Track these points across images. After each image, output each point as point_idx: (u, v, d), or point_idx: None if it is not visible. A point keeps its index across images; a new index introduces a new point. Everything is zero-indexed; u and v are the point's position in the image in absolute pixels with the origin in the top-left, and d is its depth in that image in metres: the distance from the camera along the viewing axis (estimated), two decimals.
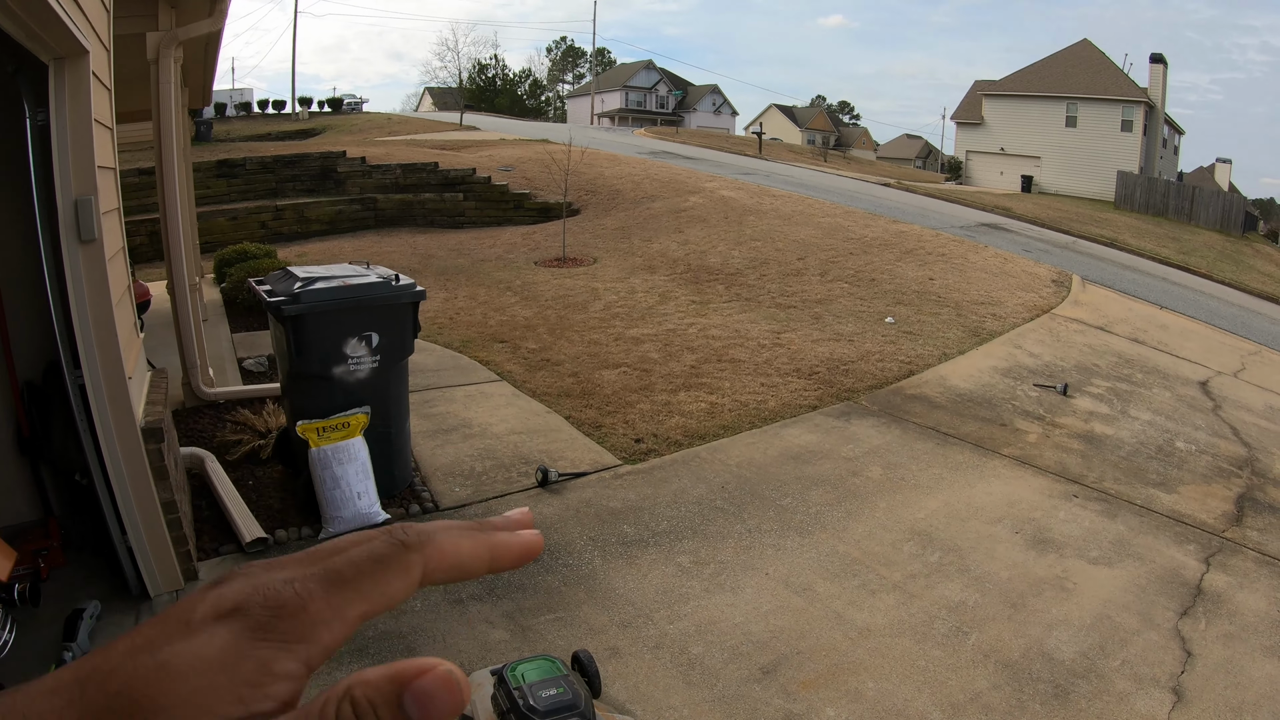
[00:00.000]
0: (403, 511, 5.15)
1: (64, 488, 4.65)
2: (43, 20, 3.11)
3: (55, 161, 3.57)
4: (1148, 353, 10.58)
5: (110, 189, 4.24)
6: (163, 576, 4.11)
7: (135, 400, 4.04)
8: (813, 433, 6.79)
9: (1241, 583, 5.01)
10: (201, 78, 10.47)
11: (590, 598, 4.32)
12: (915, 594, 4.50)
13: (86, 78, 3.61)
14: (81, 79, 3.60)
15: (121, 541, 4.00)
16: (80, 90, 3.61)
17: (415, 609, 4.14)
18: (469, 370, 8.04)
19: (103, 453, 3.84)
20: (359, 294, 4.96)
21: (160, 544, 4.06)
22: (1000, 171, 44.58)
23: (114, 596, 4.07)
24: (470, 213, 19.28)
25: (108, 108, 4.30)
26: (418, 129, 35.21)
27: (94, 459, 3.88)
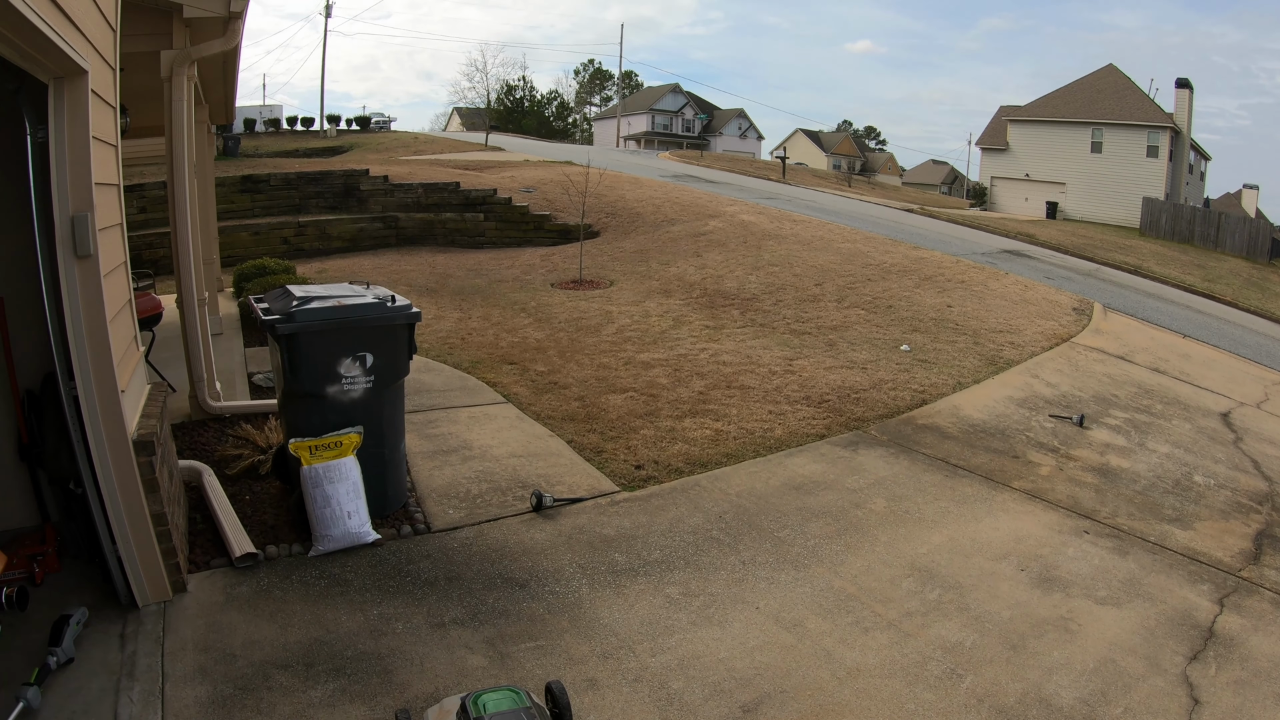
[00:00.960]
0: (394, 532, 5.09)
1: (61, 495, 4.71)
2: (36, 44, 3.13)
3: (53, 178, 3.61)
4: (1169, 383, 10.40)
5: (110, 205, 4.26)
6: (151, 587, 4.12)
7: (129, 413, 4.06)
8: (818, 462, 6.67)
9: (1256, 625, 4.82)
10: (223, 94, 10.55)
11: (573, 626, 4.23)
12: (910, 633, 4.37)
13: (85, 97, 3.65)
14: (80, 98, 3.64)
15: (112, 551, 4.01)
16: (79, 109, 3.64)
17: (397, 631, 4.08)
18: (475, 391, 7.99)
19: (94, 463, 3.86)
20: (354, 314, 4.96)
21: (149, 555, 4.06)
22: (1025, 198, 44.28)
23: (103, 604, 4.07)
24: (490, 233, 19.33)
25: (111, 125, 4.34)
26: (443, 149, 35.46)
27: (86, 469, 3.90)
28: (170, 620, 4.02)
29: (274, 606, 4.23)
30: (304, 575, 4.55)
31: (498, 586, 4.56)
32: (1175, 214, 37.15)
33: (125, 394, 4.01)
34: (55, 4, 3.13)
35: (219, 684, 3.58)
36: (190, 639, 3.89)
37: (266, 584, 4.44)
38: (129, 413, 4.06)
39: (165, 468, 4.42)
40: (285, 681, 3.64)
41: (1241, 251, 34.98)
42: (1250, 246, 35.32)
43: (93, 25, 3.79)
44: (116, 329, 4.03)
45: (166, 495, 4.26)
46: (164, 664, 3.69)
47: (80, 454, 3.89)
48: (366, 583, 4.52)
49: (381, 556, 4.81)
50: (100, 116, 3.96)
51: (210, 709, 3.44)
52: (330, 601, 4.32)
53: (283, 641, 3.94)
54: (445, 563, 4.78)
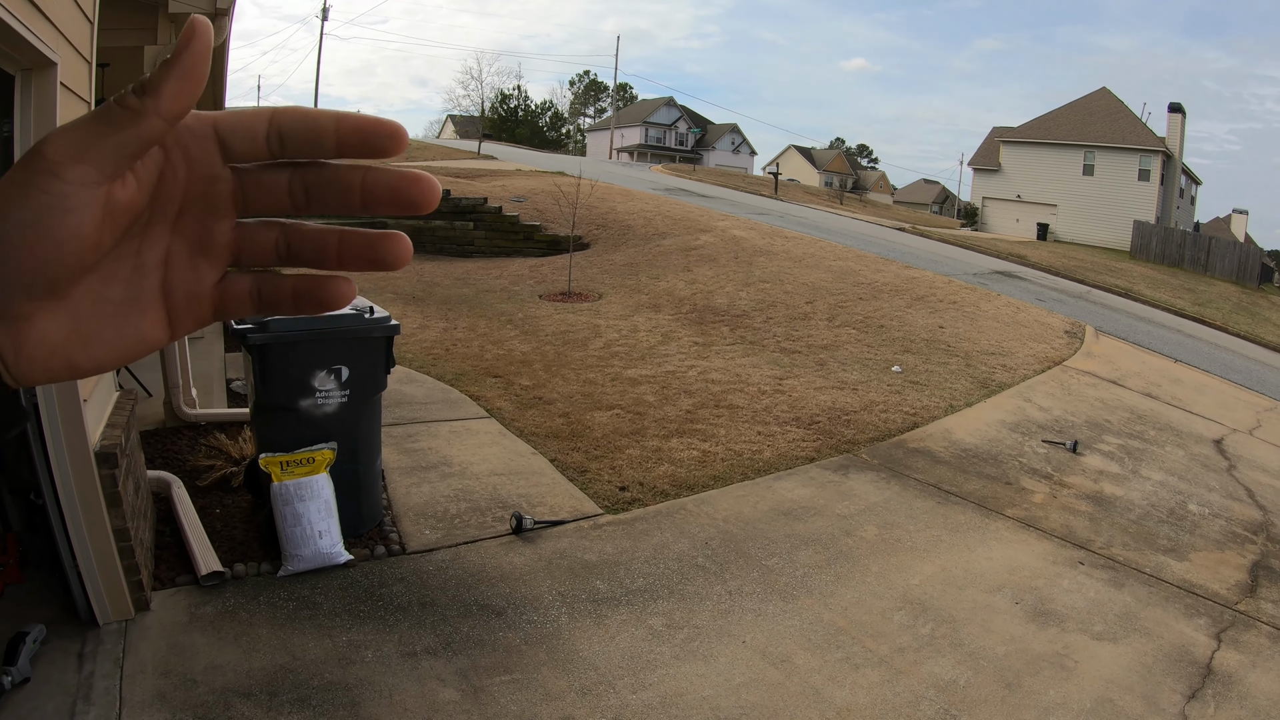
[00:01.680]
0: (367, 552, 4.90)
1: (23, 505, 4.53)
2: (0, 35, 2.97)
3: None
4: (1161, 408, 10.31)
5: None
6: (112, 605, 3.95)
7: (92, 422, 3.90)
8: (807, 487, 6.51)
9: (1255, 661, 4.72)
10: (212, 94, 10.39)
11: (551, 659, 4.05)
12: (902, 670, 4.21)
13: (53, 90, 3.50)
14: (48, 91, 3.49)
15: (72, 566, 3.86)
16: (46, 102, 3.49)
17: (366, 660, 3.91)
18: (458, 405, 7.81)
19: (54, 475, 3.71)
20: (330, 325, 4.79)
21: (110, 571, 3.89)
22: (1016, 219, 44.38)
23: (63, 620, 3.91)
24: (480, 242, 19.15)
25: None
26: (435, 155, 35.32)
27: (45, 480, 3.75)
28: (131, 640, 3.85)
29: (239, 629, 4.05)
30: (272, 596, 4.37)
31: (473, 614, 4.37)
32: (1166, 237, 37.28)
33: (88, 403, 3.85)
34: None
35: (178, 712, 3.42)
36: (150, 661, 3.72)
37: (232, 604, 4.25)
38: (92, 422, 3.90)
39: (130, 480, 4.26)
40: (247, 712, 3.47)
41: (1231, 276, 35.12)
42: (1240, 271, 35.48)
43: (65, 17, 3.65)
44: None
45: (130, 509, 4.10)
46: (122, 687, 3.52)
47: (40, 465, 3.73)
48: (336, 606, 4.33)
49: (353, 578, 4.62)
50: (71, 111, 3.79)
51: None
52: (298, 625, 4.13)
53: (246, 667, 3.75)
54: (419, 587, 4.60)
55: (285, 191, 0.50)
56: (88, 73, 4.21)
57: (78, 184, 0.44)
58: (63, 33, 3.59)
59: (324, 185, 0.50)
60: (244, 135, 0.47)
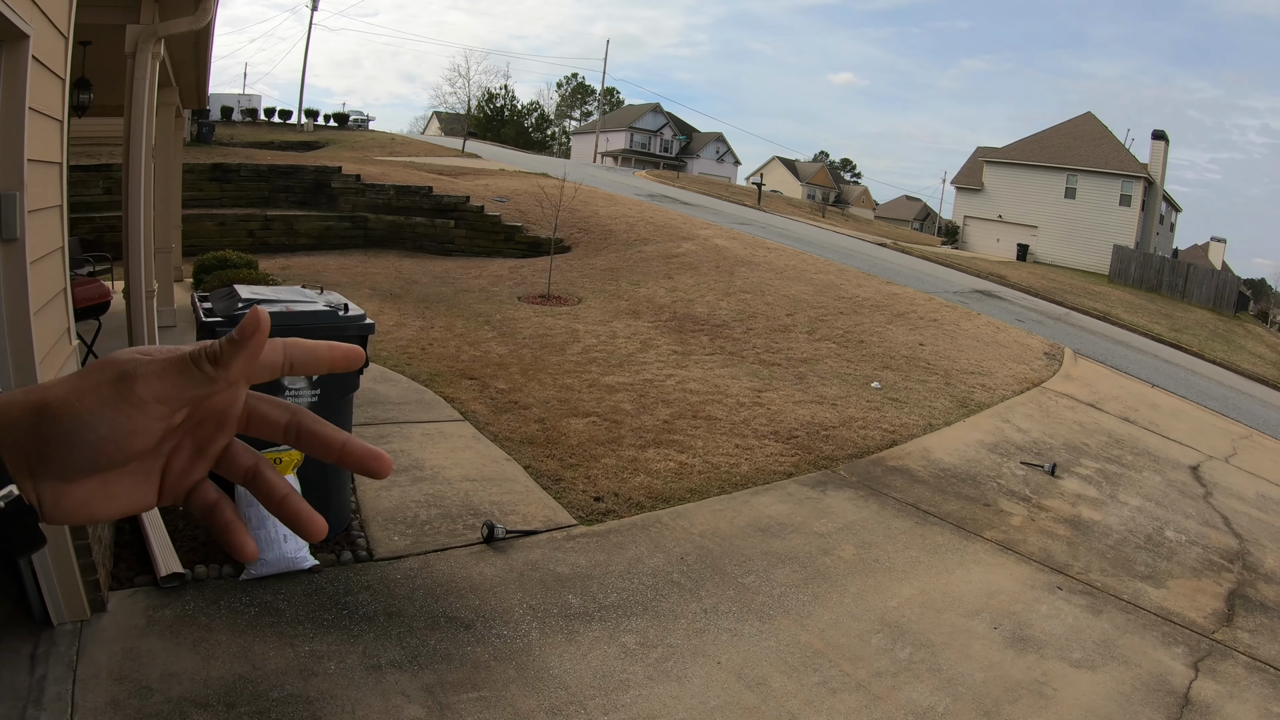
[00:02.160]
0: (334, 558, 4.74)
1: None
2: None
3: None
4: (1138, 433, 10.30)
5: (48, 185, 3.92)
6: (67, 605, 3.78)
7: None
8: (785, 503, 6.41)
9: (1232, 691, 4.69)
10: (194, 77, 10.23)
11: (521, 676, 3.90)
12: (880, 695, 4.11)
13: (24, 63, 3.30)
14: (18, 64, 3.29)
15: (26, 564, 3.67)
16: (16, 76, 3.30)
17: (329, 671, 3.75)
18: (432, 406, 7.66)
19: None
20: (301, 322, 4.65)
21: (66, 571, 3.71)
22: (997, 238, 44.62)
23: (15, 618, 3.76)
24: (460, 241, 19.01)
25: (56, 98, 4.00)
26: (419, 151, 35.14)
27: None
28: (85, 643, 3.68)
29: (198, 634, 3.88)
30: (233, 601, 4.20)
31: (441, 626, 4.23)
32: (1145, 263, 37.58)
33: None
34: None
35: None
36: (105, 666, 3.55)
37: (192, 608, 4.09)
38: None
39: None
40: None
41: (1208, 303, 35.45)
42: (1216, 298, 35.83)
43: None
44: (43, 322, 3.70)
45: None
46: (75, 693, 3.36)
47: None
48: (300, 613, 4.18)
49: (318, 585, 4.46)
50: (43, 87, 3.63)
51: None
52: (259, 633, 3.97)
53: (204, 676, 3.59)
54: (386, 596, 4.45)
55: (281, 431, 0.65)
56: (64, 48, 4.05)
57: (155, 418, 0.58)
58: (37, 4, 3.41)
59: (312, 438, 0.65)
60: (265, 371, 0.61)
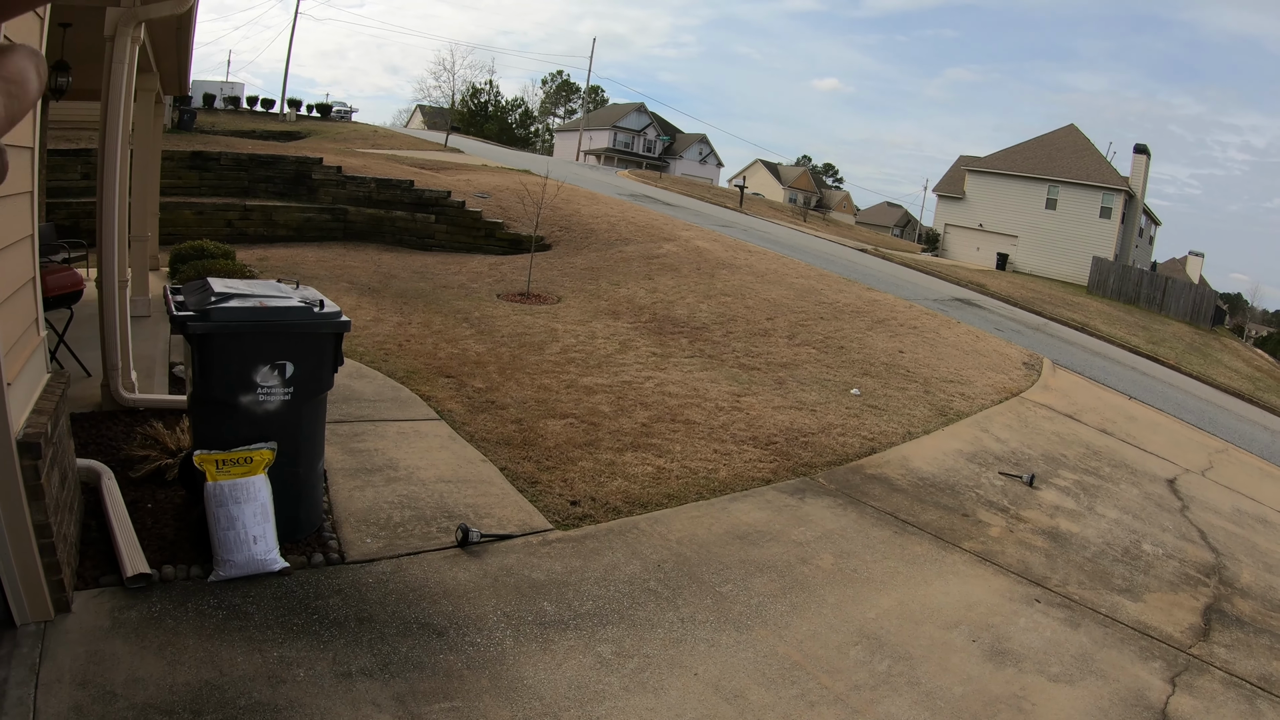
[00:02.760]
0: (304, 560, 4.63)
1: None
2: None
3: None
4: (1116, 445, 10.32)
5: (18, 170, 3.86)
6: (31, 605, 3.66)
7: (16, 409, 3.60)
8: (763, 510, 6.34)
9: (1208, 708, 4.69)
10: (176, 63, 10.06)
11: (494, 686, 3.82)
12: (859, 709, 4.05)
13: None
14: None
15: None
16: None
17: (298, 679, 3.64)
18: (408, 404, 7.55)
19: None
20: (275, 318, 4.53)
21: (30, 569, 3.60)
22: (977, 247, 44.87)
23: None
24: (440, 236, 18.86)
25: None
26: (402, 145, 34.93)
27: None
28: (49, 645, 3.56)
29: (164, 638, 3.77)
30: (201, 603, 4.08)
31: (413, 633, 4.13)
32: (1123, 275, 37.89)
33: (13, 387, 3.57)
34: None
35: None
36: (69, 670, 3.44)
37: (159, 610, 3.97)
38: (16, 409, 3.61)
39: (56, 470, 3.96)
40: None
41: (1185, 316, 35.80)
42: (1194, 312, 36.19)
43: None
44: (9, 313, 3.63)
45: (54, 502, 3.81)
46: (37, 698, 3.25)
47: None
48: (269, 618, 4.07)
49: (288, 588, 4.35)
50: None
51: None
52: (227, 637, 3.86)
53: (170, 681, 3.48)
54: (358, 600, 4.34)
55: None
56: (39, 29, 4.01)
57: None
58: None
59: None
60: None
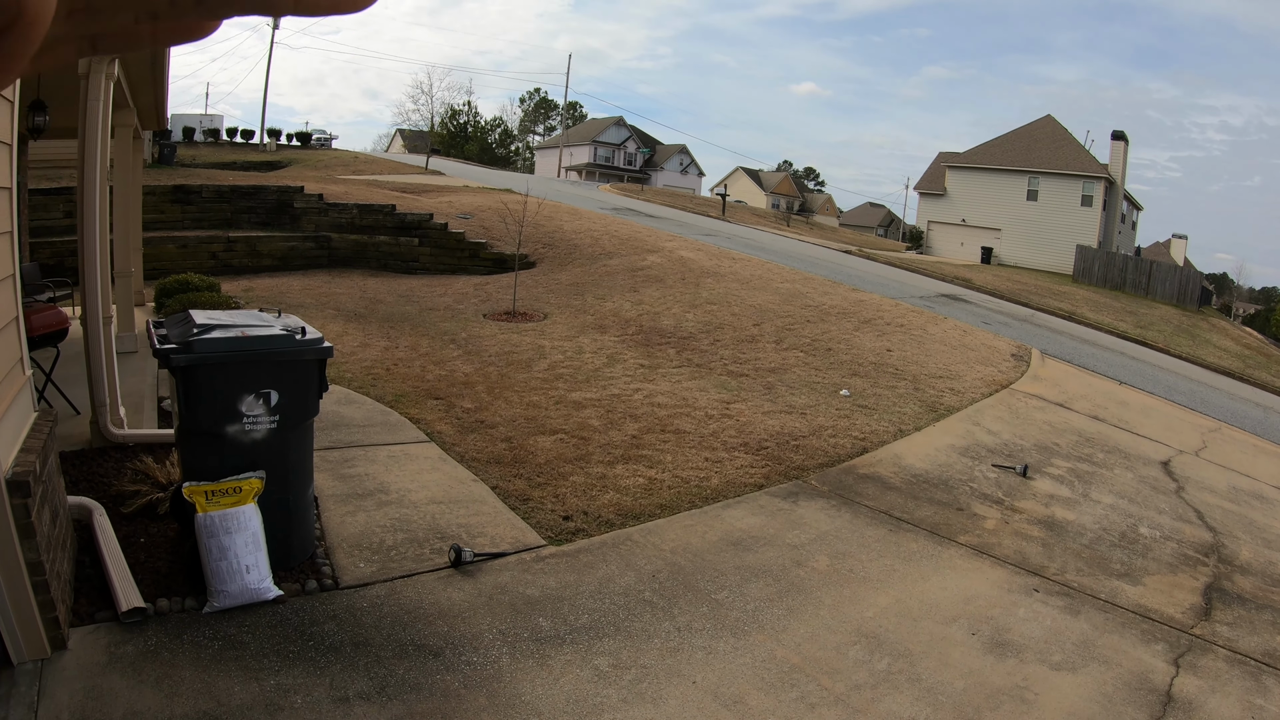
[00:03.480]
0: (298, 587, 4.62)
1: None
2: None
3: None
4: (1108, 430, 10.34)
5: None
6: (27, 643, 3.66)
7: (3, 448, 3.62)
8: (757, 515, 6.34)
9: (1213, 686, 4.68)
10: (153, 98, 10.07)
11: (492, 704, 3.80)
12: (860, 709, 4.04)
13: None
14: None
15: None
16: None
17: (295, 705, 3.64)
18: (397, 428, 7.53)
19: None
20: (258, 346, 4.54)
21: (24, 608, 3.60)
22: (961, 242, 45.00)
23: None
24: (425, 259, 18.88)
25: (5, 120, 3.99)
26: (383, 169, 34.97)
27: None
28: (46, 683, 3.57)
29: (161, 671, 3.77)
30: (196, 635, 4.08)
31: (409, 655, 4.12)
32: (1108, 262, 38.04)
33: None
34: None
35: None
36: (67, 706, 3.45)
37: (154, 643, 3.96)
38: (3, 448, 3.63)
39: (46, 508, 3.96)
40: None
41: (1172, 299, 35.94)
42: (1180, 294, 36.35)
43: None
44: None
45: (46, 540, 3.81)
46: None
47: None
48: (265, 646, 4.06)
49: (283, 616, 4.34)
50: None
51: None
52: (223, 667, 3.85)
53: (168, 713, 3.48)
54: (353, 625, 4.33)
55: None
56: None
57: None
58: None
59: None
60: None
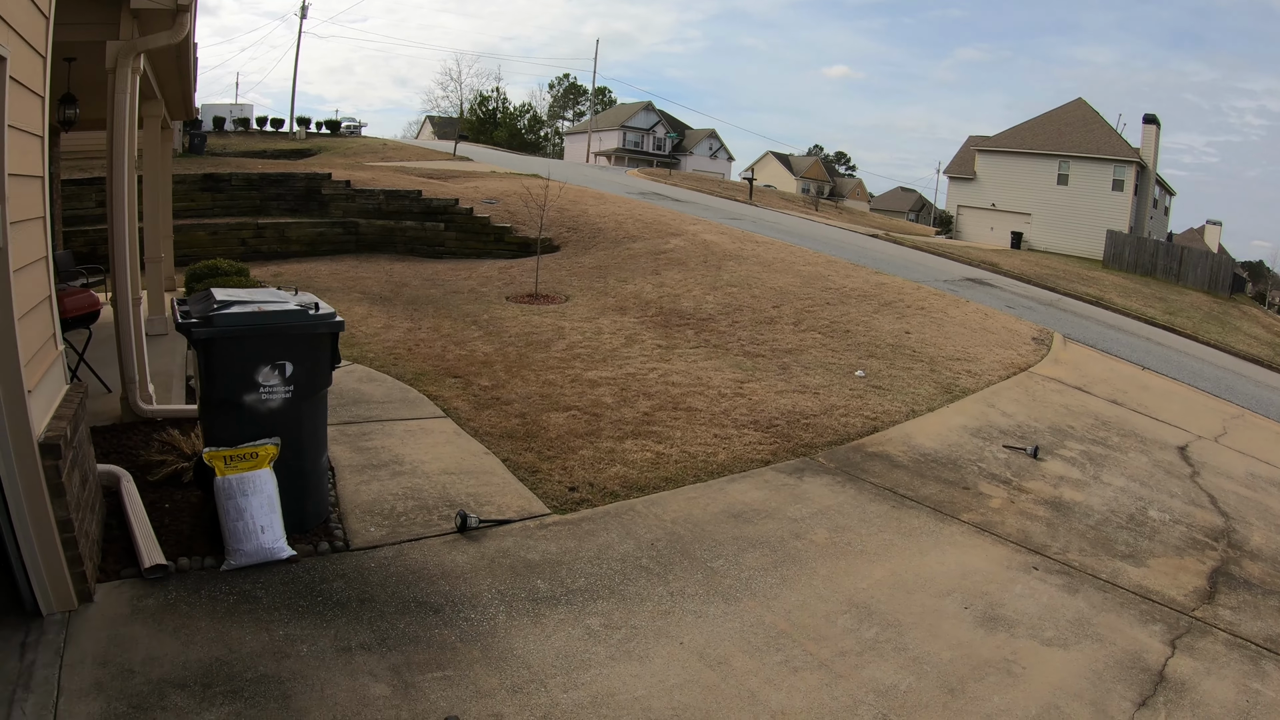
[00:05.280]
0: (311, 548, 4.86)
1: None
2: None
3: None
4: (1126, 415, 10.33)
5: (30, 198, 4.11)
6: (55, 595, 3.95)
7: (37, 414, 3.87)
8: (760, 489, 6.46)
9: (1209, 668, 4.69)
10: (180, 89, 10.27)
11: (485, 657, 4.00)
12: (842, 674, 4.16)
13: (2, 83, 3.51)
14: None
15: (16, 556, 3.85)
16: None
17: (301, 654, 3.87)
18: (415, 404, 7.73)
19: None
20: (273, 321, 4.79)
21: (54, 562, 3.89)
22: (991, 227, 44.60)
23: (7, 609, 3.93)
24: (450, 243, 19.08)
25: (36, 114, 4.20)
26: (411, 156, 35.20)
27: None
28: (73, 631, 3.84)
29: (179, 621, 4.03)
30: (213, 590, 4.33)
31: (411, 611, 4.32)
32: (1139, 247, 37.58)
33: (33, 394, 3.83)
34: None
35: (113, 701, 3.41)
36: (90, 652, 3.71)
37: (174, 597, 4.22)
38: (37, 414, 3.88)
39: (77, 472, 4.23)
40: (180, 702, 3.46)
41: (1203, 285, 35.45)
42: (1211, 281, 35.84)
43: (15, 9, 3.65)
44: (27, 327, 3.86)
45: (76, 501, 4.08)
46: (61, 677, 3.52)
47: None
48: (276, 601, 4.29)
49: (295, 574, 4.57)
50: (22, 105, 3.85)
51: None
52: (236, 619, 4.10)
53: (183, 659, 3.73)
54: (360, 583, 4.55)
55: None
56: (42, 68, 4.23)
57: None
58: (13, 26, 3.60)
59: None
60: None
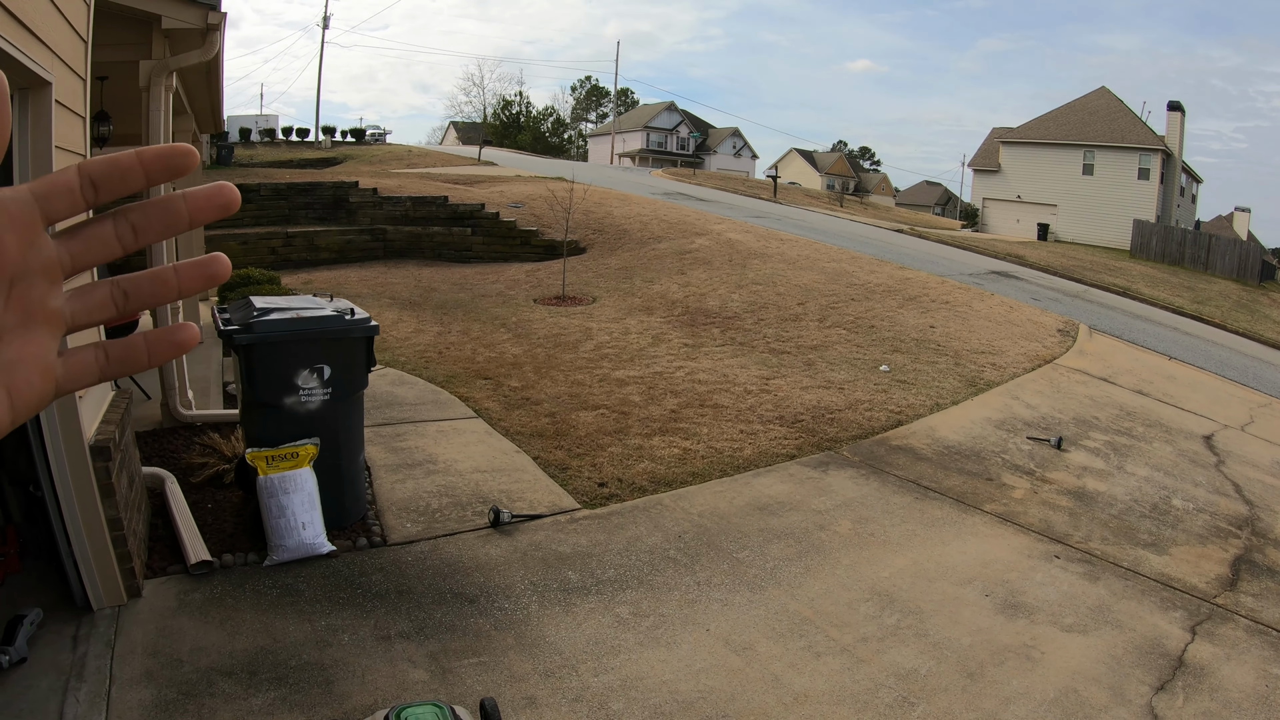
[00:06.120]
0: (350, 544, 5.06)
1: (23, 497, 4.77)
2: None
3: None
4: (1151, 405, 10.33)
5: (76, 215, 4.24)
6: (105, 591, 4.14)
7: (87, 419, 4.08)
8: (785, 483, 6.59)
9: (1229, 654, 4.70)
10: (209, 103, 10.51)
11: (519, 644, 4.17)
12: (864, 659, 4.29)
13: (48, 107, 3.68)
14: (44, 109, 3.67)
15: (68, 554, 4.04)
16: (42, 119, 3.68)
17: (342, 642, 4.05)
18: (447, 405, 7.92)
19: (50, 467, 3.90)
20: (311, 326, 4.99)
21: (104, 559, 4.08)
22: (1017, 219, 44.28)
23: (59, 606, 4.12)
24: (478, 247, 19.28)
25: (79, 134, 4.38)
26: (436, 162, 35.47)
27: (44, 473, 3.94)
28: (122, 624, 4.04)
29: (224, 614, 4.22)
30: (257, 584, 4.53)
31: (447, 601, 4.50)
32: (1166, 236, 37.21)
33: (83, 400, 4.03)
34: (14, 18, 3.13)
35: (163, 688, 3.59)
36: (140, 643, 3.90)
37: (219, 591, 4.42)
38: (87, 419, 4.08)
39: (124, 473, 4.43)
40: (228, 688, 3.64)
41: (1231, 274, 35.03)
42: (1240, 268, 35.39)
43: (59, 38, 3.81)
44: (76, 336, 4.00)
45: (124, 500, 4.28)
46: (113, 666, 3.70)
47: (38, 458, 3.92)
48: (317, 593, 4.48)
49: (335, 568, 4.76)
50: (66, 126, 4.00)
51: (153, 712, 3.44)
52: (280, 611, 4.29)
53: (230, 649, 3.92)
54: (397, 576, 4.73)
55: (114, 238, 0.51)
56: (83, 89, 4.40)
57: None
58: (56, 53, 3.76)
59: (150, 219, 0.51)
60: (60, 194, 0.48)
